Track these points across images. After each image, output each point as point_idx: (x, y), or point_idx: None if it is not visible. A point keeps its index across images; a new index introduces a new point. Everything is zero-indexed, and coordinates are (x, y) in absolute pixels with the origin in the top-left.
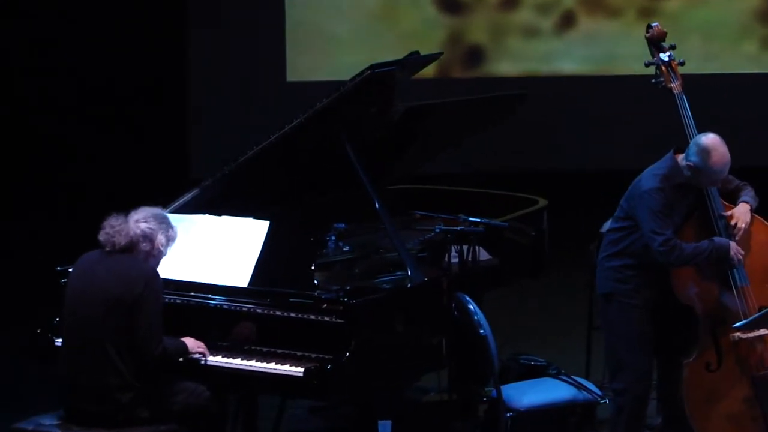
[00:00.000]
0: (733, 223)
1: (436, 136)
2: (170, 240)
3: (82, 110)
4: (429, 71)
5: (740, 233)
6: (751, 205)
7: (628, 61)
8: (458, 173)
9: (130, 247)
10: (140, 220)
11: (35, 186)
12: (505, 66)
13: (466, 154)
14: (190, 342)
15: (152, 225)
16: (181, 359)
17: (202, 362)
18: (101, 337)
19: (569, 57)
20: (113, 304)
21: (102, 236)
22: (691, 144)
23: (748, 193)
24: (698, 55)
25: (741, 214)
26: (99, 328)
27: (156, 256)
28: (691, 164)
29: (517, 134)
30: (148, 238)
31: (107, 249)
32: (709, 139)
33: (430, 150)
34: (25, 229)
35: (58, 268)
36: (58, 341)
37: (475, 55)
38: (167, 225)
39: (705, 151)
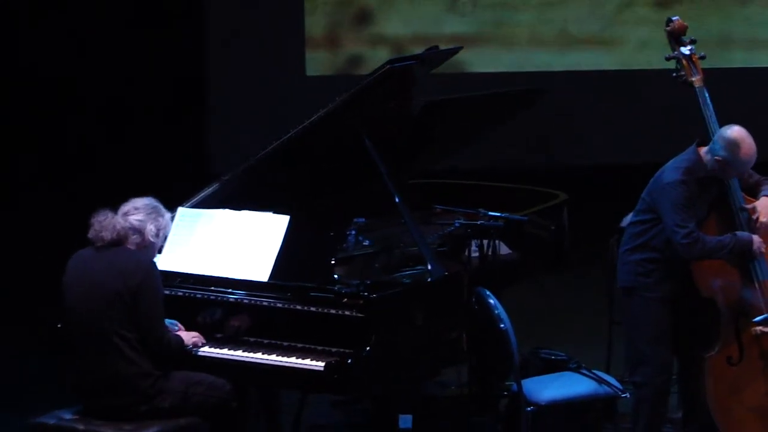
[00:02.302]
0: (755, 216)
1: (455, 131)
2: (160, 229)
3: (100, 104)
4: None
5: (763, 227)
6: None
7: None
8: (478, 168)
9: (119, 240)
10: (129, 213)
11: (54, 180)
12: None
13: (486, 149)
14: (185, 335)
15: (140, 217)
16: (185, 349)
17: (194, 352)
18: (107, 332)
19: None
20: (113, 297)
21: (91, 233)
22: (716, 139)
23: None
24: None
25: (763, 207)
26: (103, 323)
27: (148, 247)
28: (720, 159)
29: (537, 128)
30: (137, 230)
31: (98, 245)
32: (735, 131)
33: (449, 145)
34: (42, 224)
35: None
36: None
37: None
38: (156, 214)
39: (734, 144)
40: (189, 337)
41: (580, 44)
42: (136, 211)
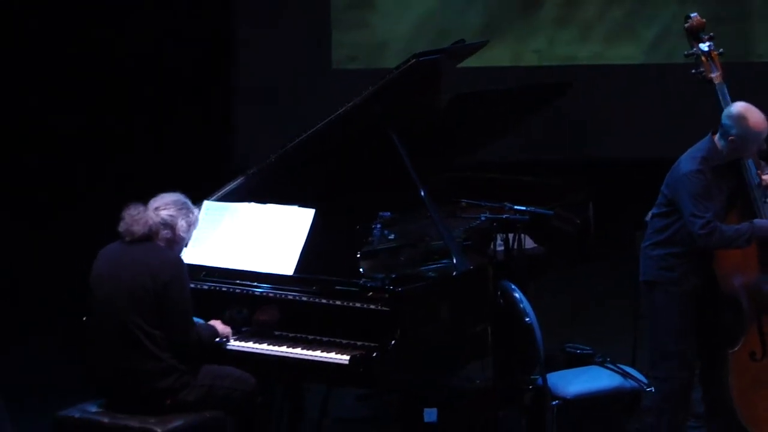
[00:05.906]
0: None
1: (481, 125)
2: (191, 225)
3: (126, 97)
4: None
5: None
6: None
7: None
8: (504, 161)
9: (150, 235)
10: (160, 208)
11: (80, 174)
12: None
13: (511, 142)
14: (219, 325)
15: (172, 212)
16: (216, 340)
17: (224, 344)
18: (132, 327)
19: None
20: (140, 294)
21: (121, 227)
22: (722, 120)
23: None
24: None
25: None
26: (128, 318)
27: (178, 242)
28: (733, 137)
29: (562, 122)
30: (169, 225)
31: (127, 239)
32: (739, 106)
33: (476, 139)
34: (67, 218)
35: None
36: None
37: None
38: (187, 210)
39: (741, 118)
40: (223, 328)
41: (608, 37)
42: (167, 207)
